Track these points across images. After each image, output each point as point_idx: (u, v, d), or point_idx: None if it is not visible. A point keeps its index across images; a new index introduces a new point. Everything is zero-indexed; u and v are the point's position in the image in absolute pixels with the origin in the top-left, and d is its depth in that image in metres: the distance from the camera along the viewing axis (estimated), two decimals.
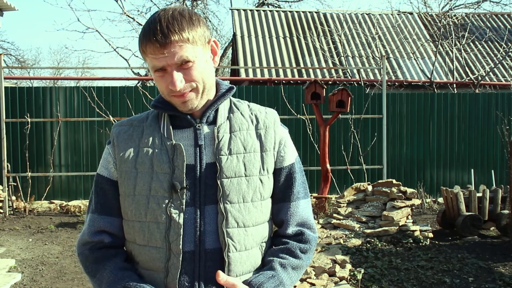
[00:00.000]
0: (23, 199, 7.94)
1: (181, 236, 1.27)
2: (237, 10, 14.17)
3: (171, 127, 1.35)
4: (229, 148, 1.32)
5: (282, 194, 1.40)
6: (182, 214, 1.28)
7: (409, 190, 6.14)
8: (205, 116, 1.35)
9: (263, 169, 1.35)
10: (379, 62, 11.58)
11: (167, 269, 1.27)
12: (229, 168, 1.30)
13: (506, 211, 6.10)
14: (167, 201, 1.29)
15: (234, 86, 1.42)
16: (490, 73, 12.05)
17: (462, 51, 12.29)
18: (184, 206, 1.28)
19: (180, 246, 1.27)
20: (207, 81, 1.33)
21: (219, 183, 1.29)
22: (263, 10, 14.49)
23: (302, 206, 1.42)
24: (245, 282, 1.28)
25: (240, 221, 1.30)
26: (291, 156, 1.41)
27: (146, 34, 1.26)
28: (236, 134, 1.34)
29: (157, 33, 1.23)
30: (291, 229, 1.39)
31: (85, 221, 1.41)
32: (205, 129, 1.35)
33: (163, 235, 1.28)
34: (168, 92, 1.29)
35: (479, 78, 11.54)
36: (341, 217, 6.23)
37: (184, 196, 1.29)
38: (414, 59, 12.53)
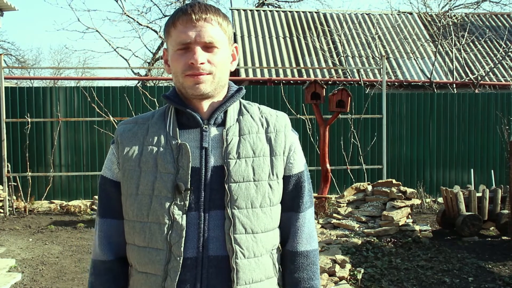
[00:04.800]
0: (23, 199, 7.95)
1: (183, 238, 1.23)
2: (237, 10, 14.17)
3: (177, 126, 1.31)
4: (237, 151, 1.28)
5: (290, 203, 1.37)
6: (185, 216, 1.25)
7: (409, 190, 6.14)
8: (213, 117, 1.31)
9: (273, 174, 1.31)
10: (379, 62, 11.58)
11: (166, 272, 1.24)
12: (237, 173, 1.26)
13: (505, 211, 6.11)
14: (170, 202, 1.25)
15: (244, 87, 1.38)
16: (490, 73, 12.06)
17: (462, 51, 12.29)
18: (186, 208, 1.25)
19: (182, 249, 1.23)
20: (222, 76, 1.31)
21: (226, 187, 1.25)
22: (263, 10, 14.49)
23: (309, 216, 1.40)
24: None
25: (248, 227, 1.27)
26: (300, 163, 1.38)
27: (182, 8, 1.28)
28: (245, 138, 1.30)
29: (195, 7, 1.27)
30: (301, 247, 1.39)
31: (95, 228, 1.40)
32: (213, 131, 1.31)
33: (165, 236, 1.24)
34: (186, 68, 1.26)
35: (479, 78, 11.54)
36: (341, 217, 6.24)
37: (188, 198, 1.25)
38: (414, 59, 12.54)
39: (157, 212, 1.26)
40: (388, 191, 6.21)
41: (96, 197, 7.53)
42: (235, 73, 11.87)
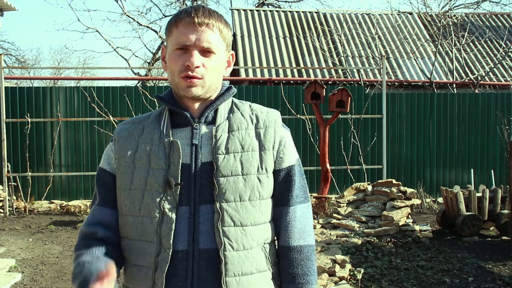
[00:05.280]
0: (23, 199, 7.95)
1: (173, 231, 1.28)
2: (237, 10, 14.17)
3: (170, 125, 1.37)
4: (226, 147, 1.33)
5: (280, 197, 1.40)
6: (175, 210, 1.29)
7: (409, 190, 6.14)
8: (204, 115, 1.37)
9: (262, 168, 1.34)
10: (379, 62, 11.58)
11: (156, 263, 1.28)
12: (225, 167, 1.31)
13: (505, 211, 6.11)
14: (161, 196, 1.30)
15: (233, 86, 1.42)
16: (490, 73, 12.06)
17: (462, 51, 12.29)
18: (177, 202, 1.30)
19: (171, 241, 1.27)
20: (214, 80, 1.35)
21: (215, 181, 1.30)
22: (263, 10, 14.49)
23: (301, 211, 1.40)
24: None
25: (237, 220, 1.30)
26: (291, 157, 1.40)
27: (186, 10, 1.32)
28: (234, 134, 1.35)
29: (199, 11, 1.31)
30: (293, 242, 1.39)
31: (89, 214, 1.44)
32: (204, 128, 1.36)
33: (155, 229, 1.29)
34: (182, 69, 1.31)
35: (479, 78, 11.54)
36: (341, 217, 6.24)
37: (178, 192, 1.30)
38: (414, 59, 12.54)
39: (149, 206, 1.31)
40: (388, 191, 6.22)
41: None
42: (235, 73, 11.88)
